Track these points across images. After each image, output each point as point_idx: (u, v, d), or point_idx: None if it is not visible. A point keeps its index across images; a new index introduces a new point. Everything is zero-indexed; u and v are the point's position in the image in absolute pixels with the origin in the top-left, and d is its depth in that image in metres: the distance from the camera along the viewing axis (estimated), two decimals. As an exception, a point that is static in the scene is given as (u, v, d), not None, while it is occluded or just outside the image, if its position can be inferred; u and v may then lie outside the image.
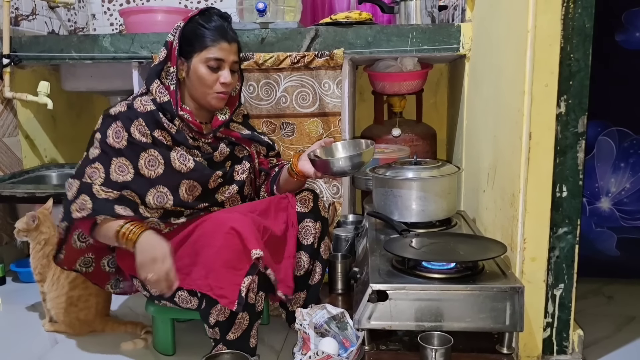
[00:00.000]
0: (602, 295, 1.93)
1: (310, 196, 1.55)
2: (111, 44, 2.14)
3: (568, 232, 1.41)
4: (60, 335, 1.68)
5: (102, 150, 1.40)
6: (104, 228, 1.37)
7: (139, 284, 1.46)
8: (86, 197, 1.36)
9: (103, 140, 1.40)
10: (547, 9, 1.31)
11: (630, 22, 1.84)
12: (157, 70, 1.45)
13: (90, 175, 1.38)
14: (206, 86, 1.44)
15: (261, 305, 1.39)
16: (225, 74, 1.44)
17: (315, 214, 1.54)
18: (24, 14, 2.40)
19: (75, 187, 1.38)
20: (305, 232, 1.53)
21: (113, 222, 1.36)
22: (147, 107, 1.42)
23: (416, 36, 2.02)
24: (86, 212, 1.35)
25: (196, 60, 1.42)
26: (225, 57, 1.43)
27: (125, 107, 1.42)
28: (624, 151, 1.91)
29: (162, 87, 1.44)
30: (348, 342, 1.36)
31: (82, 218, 1.36)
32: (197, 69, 1.42)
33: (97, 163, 1.39)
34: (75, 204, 1.36)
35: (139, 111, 1.41)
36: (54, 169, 2.47)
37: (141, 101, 1.43)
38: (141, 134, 1.40)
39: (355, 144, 1.59)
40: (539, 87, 1.34)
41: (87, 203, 1.35)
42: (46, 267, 1.68)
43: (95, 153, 1.40)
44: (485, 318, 1.29)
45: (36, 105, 2.33)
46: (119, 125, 1.40)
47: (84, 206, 1.36)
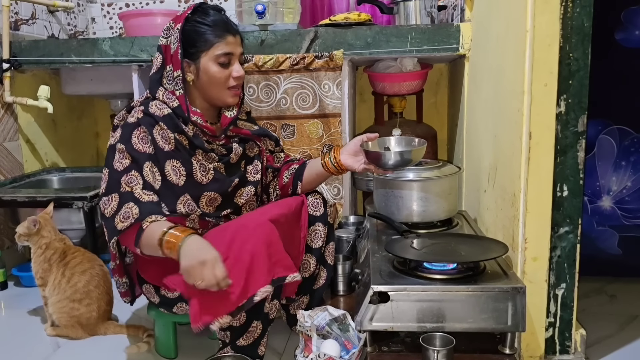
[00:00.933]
0: (604, 294, 1.93)
1: (321, 200, 1.54)
2: (111, 48, 2.14)
3: (569, 232, 1.40)
4: (62, 339, 1.68)
5: (132, 157, 1.33)
6: (147, 236, 1.26)
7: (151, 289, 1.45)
8: (130, 204, 1.28)
9: (130, 148, 1.33)
10: (545, 8, 1.31)
11: (630, 20, 1.84)
12: (159, 76, 1.42)
13: (129, 182, 1.31)
14: (220, 84, 1.40)
15: (274, 314, 1.38)
16: (236, 67, 1.40)
17: (324, 219, 1.53)
18: (23, 18, 2.41)
19: (115, 201, 1.30)
20: (314, 236, 1.52)
21: (156, 229, 1.25)
22: (164, 110, 1.37)
23: (415, 36, 2.02)
24: (131, 219, 1.27)
25: (205, 59, 1.38)
26: (233, 51, 1.40)
27: (142, 113, 1.36)
28: (625, 149, 1.90)
29: (168, 93, 1.39)
30: (350, 344, 1.36)
31: (129, 227, 1.27)
32: (208, 68, 1.38)
33: (132, 171, 1.32)
34: (119, 215, 1.28)
35: (157, 115, 1.36)
36: (55, 173, 2.48)
37: (156, 105, 1.38)
38: (164, 139, 1.36)
39: (407, 140, 1.57)
40: (539, 86, 1.34)
41: (132, 210, 1.27)
42: (47, 272, 1.68)
43: (125, 163, 1.32)
44: (487, 318, 1.29)
45: (37, 109, 2.34)
46: (143, 131, 1.34)
47: (128, 214, 1.27)
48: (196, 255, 1.19)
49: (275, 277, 1.28)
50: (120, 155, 1.33)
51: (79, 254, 1.71)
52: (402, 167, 1.48)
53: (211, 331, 1.26)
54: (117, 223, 1.28)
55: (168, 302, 1.42)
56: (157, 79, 1.42)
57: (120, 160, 1.33)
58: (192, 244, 1.21)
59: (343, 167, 1.50)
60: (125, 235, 1.30)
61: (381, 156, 1.45)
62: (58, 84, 2.47)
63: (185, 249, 1.20)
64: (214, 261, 1.18)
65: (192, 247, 1.20)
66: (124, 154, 1.33)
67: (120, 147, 1.33)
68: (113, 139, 1.37)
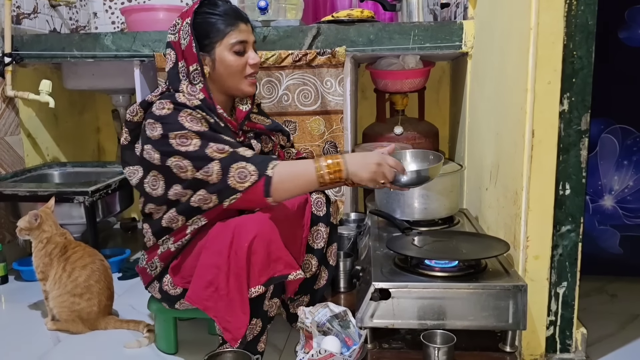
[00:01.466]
0: (605, 293, 1.93)
1: (324, 199, 1.51)
2: (113, 42, 2.13)
3: (571, 230, 1.40)
4: (62, 333, 1.68)
5: (199, 135, 1.27)
6: (287, 178, 1.25)
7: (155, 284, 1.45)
8: (239, 164, 1.25)
9: (189, 130, 1.27)
10: (549, 6, 1.31)
11: (633, 19, 1.83)
12: (175, 72, 1.39)
13: (219, 149, 1.26)
14: (237, 73, 1.39)
15: (274, 312, 1.38)
16: (252, 54, 1.40)
17: (327, 219, 1.51)
18: (25, 12, 2.40)
19: (217, 167, 1.25)
20: (316, 236, 1.50)
21: (300, 169, 1.28)
22: (194, 101, 1.33)
23: (418, 34, 2.01)
24: (253, 176, 1.24)
25: (220, 49, 1.37)
26: (247, 38, 1.39)
27: (171, 104, 1.31)
28: (627, 149, 1.90)
29: (191, 86, 1.37)
30: (350, 341, 1.36)
31: (252, 184, 1.24)
32: (224, 58, 1.37)
33: (211, 143, 1.26)
34: (231, 178, 1.24)
35: (188, 105, 1.32)
36: (56, 168, 2.48)
37: (184, 96, 1.34)
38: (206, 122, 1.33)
39: (423, 155, 1.53)
40: (542, 84, 1.34)
41: (245, 168, 1.24)
42: (48, 266, 1.68)
43: (195, 142, 1.26)
44: (488, 316, 1.28)
45: (38, 103, 2.33)
46: (188, 113, 1.29)
47: (244, 174, 1.24)
48: (367, 163, 1.27)
49: (275, 275, 1.28)
50: (182, 140, 1.27)
51: (80, 249, 1.71)
52: (418, 185, 1.43)
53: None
54: (234, 185, 1.25)
55: (170, 299, 1.42)
56: (175, 73, 1.39)
57: (186, 145, 1.27)
58: (353, 158, 1.28)
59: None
60: (250, 191, 1.25)
61: (395, 174, 1.40)
62: (59, 78, 2.47)
63: (353, 165, 1.27)
64: (382, 158, 1.28)
65: (357, 160, 1.28)
66: (186, 137, 1.27)
67: (176, 133, 1.27)
68: (154, 132, 1.29)
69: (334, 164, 1.28)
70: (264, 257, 1.26)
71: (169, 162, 1.29)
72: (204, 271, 1.29)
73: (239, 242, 1.25)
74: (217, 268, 1.26)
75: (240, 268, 1.25)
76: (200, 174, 1.27)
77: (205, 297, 1.28)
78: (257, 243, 1.25)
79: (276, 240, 1.29)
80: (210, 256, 1.29)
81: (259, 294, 1.27)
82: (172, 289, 1.41)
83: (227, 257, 1.25)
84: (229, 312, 1.27)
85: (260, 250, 1.26)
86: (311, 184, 1.28)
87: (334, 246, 1.56)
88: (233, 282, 1.25)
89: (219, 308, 1.27)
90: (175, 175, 1.29)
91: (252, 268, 1.26)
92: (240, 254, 1.25)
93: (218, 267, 1.26)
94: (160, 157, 1.29)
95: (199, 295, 1.29)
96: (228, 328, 1.28)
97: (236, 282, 1.25)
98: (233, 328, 1.27)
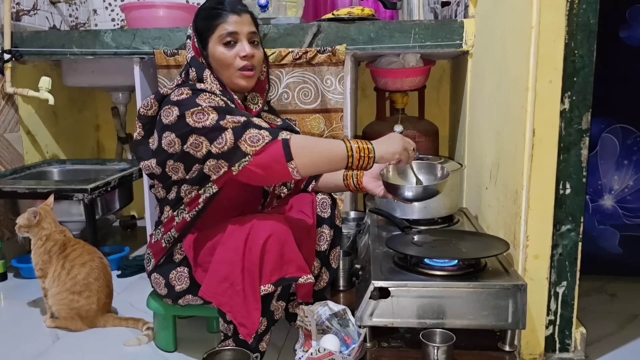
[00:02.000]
0: (604, 293, 1.93)
1: (329, 200, 1.50)
2: (112, 40, 2.13)
3: (571, 230, 1.40)
4: (61, 331, 1.68)
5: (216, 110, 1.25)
6: (311, 145, 1.24)
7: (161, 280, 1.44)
8: (252, 130, 1.22)
9: (207, 107, 1.25)
10: (551, 4, 1.30)
11: (635, 18, 1.83)
12: (197, 61, 1.37)
13: (234, 120, 1.23)
14: (227, 65, 1.36)
15: (279, 314, 1.38)
16: (242, 46, 1.36)
17: (331, 221, 1.50)
18: (25, 9, 2.39)
19: (230, 134, 1.21)
20: (320, 238, 1.48)
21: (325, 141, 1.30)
22: (215, 89, 1.33)
23: (419, 32, 2.01)
24: (265, 139, 1.21)
25: (212, 43, 1.36)
26: (238, 29, 1.35)
27: (190, 91, 1.29)
28: (628, 148, 1.90)
29: (213, 76, 1.36)
30: (350, 339, 1.36)
31: (265, 145, 1.20)
32: (215, 51, 1.36)
33: (227, 115, 1.24)
34: (243, 142, 1.21)
35: (208, 90, 1.31)
36: (56, 165, 2.47)
37: (203, 84, 1.33)
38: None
39: (429, 167, 1.52)
40: (543, 83, 1.33)
41: (260, 134, 1.21)
42: (47, 263, 1.67)
43: (213, 117, 1.23)
44: (488, 315, 1.28)
45: (37, 100, 2.33)
46: (206, 96, 1.28)
47: (257, 137, 1.21)
48: (389, 142, 1.29)
49: (286, 276, 1.28)
50: (199, 117, 1.24)
51: (79, 246, 1.71)
52: (423, 199, 1.42)
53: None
54: (244, 148, 1.21)
55: (175, 295, 1.42)
56: (197, 61, 1.38)
57: (203, 120, 1.24)
58: (379, 144, 1.28)
59: (363, 189, 1.47)
60: (264, 154, 1.21)
61: (399, 189, 1.40)
62: (59, 75, 2.47)
63: (380, 149, 1.27)
64: (402, 141, 1.29)
65: (382, 145, 1.28)
66: (203, 113, 1.24)
67: (193, 110, 1.25)
68: (170, 116, 1.27)
69: (363, 145, 1.26)
70: (277, 257, 1.26)
71: (187, 144, 1.26)
72: (219, 267, 1.29)
73: (255, 239, 1.25)
74: (233, 264, 1.26)
75: (254, 265, 1.25)
76: (214, 147, 1.24)
77: (220, 292, 1.28)
78: (272, 242, 1.25)
79: (290, 242, 1.28)
80: (226, 252, 1.28)
81: (268, 292, 1.27)
82: (178, 283, 1.40)
83: (242, 254, 1.25)
84: (245, 307, 1.27)
85: (274, 249, 1.26)
86: (340, 157, 1.24)
87: (337, 249, 1.54)
88: (247, 279, 1.25)
89: (234, 303, 1.27)
90: (193, 156, 1.28)
91: (264, 266, 1.26)
92: (255, 251, 1.25)
93: (233, 263, 1.26)
94: (180, 140, 1.27)
95: (213, 290, 1.29)
96: (244, 323, 1.28)
97: (249, 278, 1.25)
98: (249, 323, 1.27)
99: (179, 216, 1.38)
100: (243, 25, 1.37)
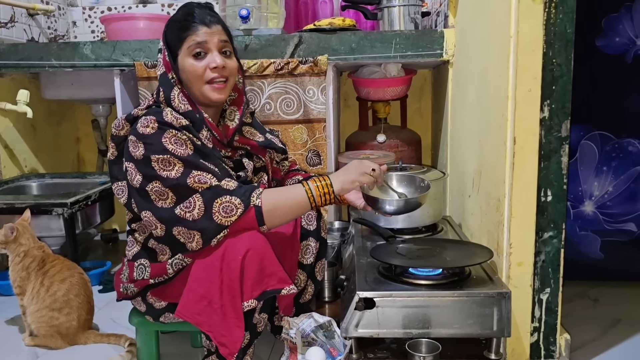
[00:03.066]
0: (587, 298, 1.94)
1: (315, 214, 1.48)
2: (92, 52, 2.11)
3: (553, 236, 1.41)
4: (40, 349, 1.64)
5: (182, 161, 1.23)
6: (279, 206, 1.25)
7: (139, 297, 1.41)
8: (223, 197, 1.22)
9: (172, 155, 1.22)
10: (529, 14, 1.32)
11: (610, 27, 1.87)
12: (168, 78, 1.33)
13: (200, 181, 1.22)
14: (197, 77, 1.30)
15: (262, 326, 1.35)
16: (212, 57, 1.29)
17: (317, 234, 1.48)
18: (2, 21, 2.36)
19: (199, 201, 1.21)
20: (306, 251, 1.47)
21: (289, 194, 1.29)
22: (181, 120, 1.27)
23: (400, 42, 2.02)
24: (239, 209, 1.22)
25: (182, 56, 1.31)
26: (208, 39, 1.29)
27: (156, 123, 1.24)
28: (606, 155, 1.93)
29: (182, 96, 1.31)
30: (335, 351, 1.35)
31: (240, 216, 1.22)
32: (184, 63, 1.30)
33: (193, 171, 1.22)
34: (216, 213, 1.21)
35: (175, 125, 1.25)
36: (34, 179, 2.43)
37: (171, 114, 1.27)
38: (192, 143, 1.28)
39: (409, 179, 1.50)
40: (523, 92, 1.35)
41: (231, 201, 1.22)
42: (26, 280, 1.64)
43: (178, 169, 1.22)
44: (473, 324, 1.28)
45: (15, 114, 2.29)
46: (172, 134, 1.24)
47: (229, 207, 1.22)
48: (346, 171, 1.33)
49: (268, 289, 1.26)
50: (164, 165, 1.22)
51: (59, 262, 1.68)
52: (403, 213, 1.42)
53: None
54: (219, 220, 1.22)
55: (155, 312, 1.39)
56: (167, 79, 1.33)
57: (168, 169, 1.22)
58: (338, 176, 1.32)
59: (345, 201, 1.45)
60: (238, 224, 1.23)
61: (378, 202, 1.38)
62: (38, 88, 2.43)
63: (338, 176, 1.32)
64: (359, 167, 1.33)
65: (340, 177, 1.32)
66: (168, 162, 1.22)
67: (158, 157, 1.22)
68: (136, 151, 1.23)
69: (320, 182, 1.29)
70: (257, 271, 1.24)
71: (149, 187, 1.24)
72: (196, 285, 1.25)
73: (232, 255, 1.23)
74: (210, 281, 1.23)
75: (234, 281, 1.22)
76: (180, 209, 1.23)
77: (197, 311, 1.25)
78: (250, 257, 1.23)
79: (269, 255, 1.26)
80: (202, 270, 1.25)
81: (251, 308, 1.25)
82: (156, 302, 1.38)
83: (220, 270, 1.22)
84: (224, 326, 1.24)
85: (253, 264, 1.23)
86: (304, 205, 1.29)
87: (323, 261, 1.53)
88: (227, 296, 1.23)
89: (213, 322, 1.24)
90: (154, 202, 1.25)
91: (245, 282, 1.23)
92: (234, 267, 1.22)
93: (210, 280, 1.23)
94: (142, 179, 1.24)
95: (190, 310, 1.26)
96: (224, 342, 1.25)
97: (230, 296, 1.23)
98: (229, 342, 1.24)
99: (138, 271, 1.34)
100: (213, 36, 1.31)
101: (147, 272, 1.33)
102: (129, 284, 1.37)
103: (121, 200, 1.35)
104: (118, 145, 1.35)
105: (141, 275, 1.33)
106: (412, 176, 1.53)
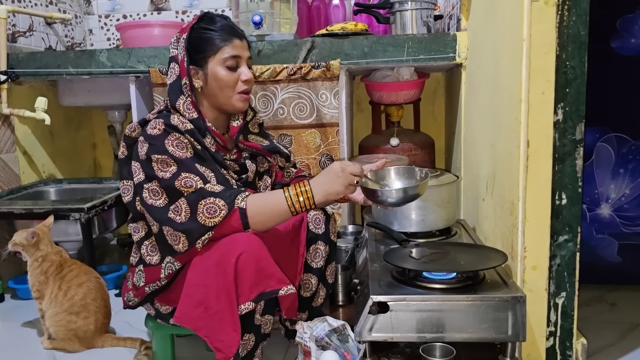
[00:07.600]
0: (605, 302, 1.92)
1: (323, 216, 1.49)
2: (108, 59, 2.14)
3: (569, 240, 1.40)
4: (59, 352, 1.67)
5: (177, 163, 1.28)
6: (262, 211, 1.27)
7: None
8: (207, 199, 1.25)
9: (170, 155, 1.28)
10: (541, 17, 1.31)
11: (625, 28, 1.85)
12: (178, 85, 1.38)
13: (186, 184, 1.26)
14: (229, 88, 1.38)
15: (268, 328, 1.36)
16: (244, 70, 1.39)
17: (326, 237, 1.49)
18: (21, 30, 2.41)
19: (184, 205, 1.25)
20: (315, 255, 1.47)
21: (270, 200, 1.30)
22: (186, 125, 1.33)
23: (412, 46, 2.02)
24: (222, 211, 1.24)
25: (212, 64, 1.37)
26: (241, 54, 1.38)
27: (163, 125, 1.31)
28: (623, 157, 1.91)
29: (189, 103, 1.37)
30: (349, 355, 1.35)
31: (224, 218, 1.25)
32: (216, 72, 1.37)
33: (182, 174, 1.27)
34: (200, 214, 1.24)
35: (180, 129, 1.32)
36: (52, 185, 2.47)
37: (178, 118, 1.34)
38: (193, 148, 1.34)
39: (408, 171, 1.49)
40: (536, 95, 1.34)
41: (215, 203, 1.25)
42: (44, 284, 1.67)
43: (172, 170, 1.27)
44: (487, 328, 1.28)
45: (34, 121, 2.33)
46: (175, 137, 1.30)
47: (213, 209, 1.25)
48: (330, 183, 1.30)
49: (265, 291, 1.27)
50: (162, 165, 1.28)
51: (76, 267, 1.70)
52: (403, 203, 1.39)
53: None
54: (203, 221, 1.25)
55: (163, 316, 1.41)
56: (178, 86, 1.39)
57: (164, 170, 1.28)
58: (322, 185, 1.30)
59: (345, 197, 1.45)
60: (224, 227, 1.26)
61: (378, 194, 1.37)
62: (55, 95, 2.47)
63: (322, 192, 1.30)
64: (340, 171, 1.29)
65: (320, 183, 1.30)
66: (166, 163, 1.28)
67: (158, 158, 1.28)
68: (142, 151, 1.30)
69: (301, 189, 1.29)
70: (253, 273, 1.25)
71: (148, 186, 1.30)
72: (192, 290, 1.27)
73: (227, 259, 1.24)
74: (206, 286, 1.25)
75: (229, 284, 1.23)
76: (170, 211, 1.27)
77: (194, 317, 1.27)
78: (245, 259, 1.24)
79: (265, 256, 1.27)
80: (198, 275, 1.27)
81: (249, 310, 1.26)
82: (162, 307, 1.40)
83: (215, 275, 1.24)
84: (220, 331, 1.25)
85: (248, 266, 1.24)
86: (284, 211, 1.30)
87: (333, 264, 1.53)
88: (223, 300, 1.24)
89: (209, 327, 1.26)
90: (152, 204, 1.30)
91: (241, 284, 1.24)
92: (229, 270, 1.23)
93: (206, 285, 1.25)
94: (144, 178, 1.31)
95: (188, 316, 1.28)
96: (220, 348, 1.26)
97: (226, 299, 1.24)
98: (225, 347, 1.25)
99: (137, 277, 1.38)
100: (244, 50, 1.40)
101: (143, 279, 1.37)
102: (131, 291, 1.41)
103: (125, 199, 1.40)
104: (129, 146, 1.41)
105: (139, 282, 1.37)
106: (411, 168, 1.52)
